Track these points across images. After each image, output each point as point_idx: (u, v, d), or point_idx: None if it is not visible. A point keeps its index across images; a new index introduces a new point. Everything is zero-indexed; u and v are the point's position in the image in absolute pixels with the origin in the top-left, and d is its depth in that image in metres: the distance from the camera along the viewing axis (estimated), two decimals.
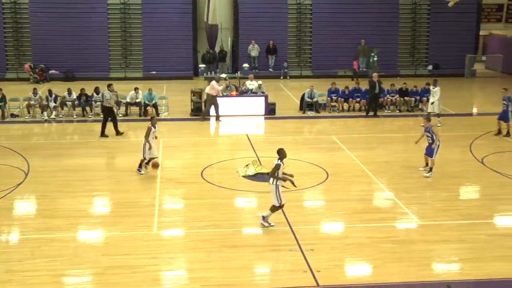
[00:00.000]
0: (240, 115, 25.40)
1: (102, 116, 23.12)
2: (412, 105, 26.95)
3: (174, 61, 34.45)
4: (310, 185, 17.20)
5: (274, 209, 14.10)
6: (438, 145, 17.95)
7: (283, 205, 14.04)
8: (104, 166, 19.17)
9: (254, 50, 34.71)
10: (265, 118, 25.54)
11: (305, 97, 26.51)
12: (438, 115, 23.85)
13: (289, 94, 30.36)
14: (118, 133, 22.43)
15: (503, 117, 22.16)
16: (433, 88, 23.94)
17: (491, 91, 32.24)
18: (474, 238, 13.70)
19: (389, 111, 26.56)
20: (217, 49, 35.01)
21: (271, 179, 13.88)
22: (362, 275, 12.27)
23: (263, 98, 25.98)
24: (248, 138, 22.35)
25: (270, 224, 14.17)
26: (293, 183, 14.24)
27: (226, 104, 25.30)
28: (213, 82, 24.64)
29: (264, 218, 14.18)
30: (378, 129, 24.17)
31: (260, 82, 27.05)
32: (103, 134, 22.28)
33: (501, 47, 38.76)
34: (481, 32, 38.21)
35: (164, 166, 18.88)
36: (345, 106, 26.87)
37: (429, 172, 17.95)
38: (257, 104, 25.79)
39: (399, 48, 35.92)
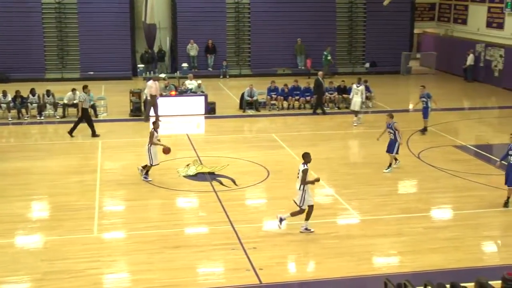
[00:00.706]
0: (180, 115, 25.27)
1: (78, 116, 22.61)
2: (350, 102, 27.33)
3: (112, 61, 33.97)
4: (252, 183, 17.28)
5: (295, 213, 13.90)
6: (400, 143, 18.27)
7: (303, 210, 13.84)
8: (41, 169, 18.76)
9: (193, 49, 34.58)
10: (205, 118, 25.51)
11: (245, 96, 26.59)
12: (356, 113, 24.25)
13: (229, 93, 30.40)
14: (94, 134, 22.16)
15: (424, 113, 22.64)
16: (357, 87, 24.23)
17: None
18: (411, 231, 14.05)
19: (328, 108, 26.89)
20: (155, 48, 34.71)
21: (299, 185, 13.72)
22: (304, 272, 12.43)
23: (202, 97, 25.93)
24: (189, 138, 22.28)
25: (310, 230, 13.92)
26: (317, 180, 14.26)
27: (165, 104, 25.13)
28: (149, 82, 24.45)
29: (281, 219, 13.90)
30: (318, 127, 24.45)
31: (199, 81, 26.98)
32: (94, 135, 22.19)
33: (434, 45, 39.79)
34: (415, 31, 39.13)
35: (104, 167, 18.65)
36: (285, 104, 27.07)
37: (388, 168, 18.29)
38: (197, 104, 25.73)
39: (336, 46, 36.38)
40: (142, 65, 33.98)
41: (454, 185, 17.33)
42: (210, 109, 25.87)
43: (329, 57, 34.54)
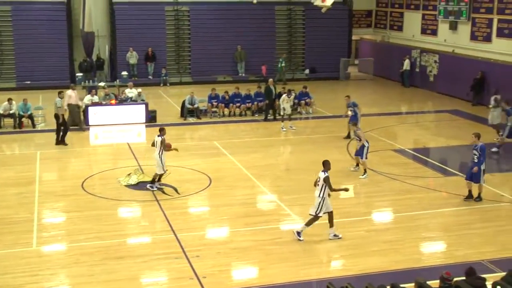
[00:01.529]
0: (120, 123, 24.98)
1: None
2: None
3: (49, 70, 33.29)
4: (194, 191, 17.21)
5: (310, 221, 13.86)
6: (368, 147, 18.56)
7: (319, 217, 13.82)
8: None
9: (132, 57, 34.26)
10: (146, 126, 25.28)
11: (186, 104, 26.49)
12: (290, 118, 24.56)
13: (170, 101, 30.23)
14: (63, 142, 21.97)
15: (353, 120, 22.94)
16: (288, 97, 24.54)
17: (364, 93, 33.64)
18: (353, 235, 14.24)
19: (270, 115, 27.02)
20: (94, 57, 34.23)
21: (319, 192, 13.73)
22: (248, 278, 12.45)
23: (143, 106, 25.70)
24: (129, 147, 22.04)
25: (338, 236, 13.97)
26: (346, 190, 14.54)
27: (105, 113, 24.80)
28: (68, 91, 23.91)
29: (299, 233, 13.87)
30: (259, 133, 24.57)
31: (139, 90, 26.74)
32: (60, 142, 21.98)
33: (371, 51, 40.56)
34: (353, 37, 39.81)
35: (43, 179, 18.25)
36: (226, 111, 27.09)
37: (364, 174, 18.55)
38: (137, 112, 25.49)
39: (276, 53, 36.64)
40: (81, 74, 33.38)
41: (393, 188, 17.68)
42: (151, 118, 25.66)
43: (283, 64, 35.03)
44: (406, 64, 34.96)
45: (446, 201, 16.52)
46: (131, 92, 26.48)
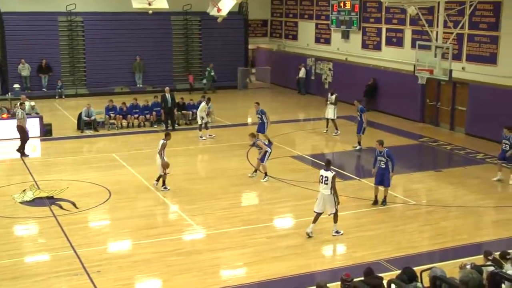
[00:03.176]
0: (14, 138, 24.01)
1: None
2: (190, 118, 27.57)
3: None
4: (93, 205, 16.84)
5: (336, 217, 14.65)
6: (270, 152, 19.10)
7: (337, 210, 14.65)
8: None
9: (24, 69, 33.08)
10: (41, 140, 24.49)
11: (82, 116, 25.89)
12: (206, 127, 24.68)
13: (66, 114, 29.41)
14: (23, 153, 22.03)
15: (260, 129, 23.26)
16: (207, 104, 24.83)
17: (262, 101, 33.89)
18: (255, 242, 14.39)
19: (169, 125, 26.87)
20: None
21: (329, 190, 14.36)
22: None
23: (37, 119, 24.88)
24: (24, 162, 21.27)
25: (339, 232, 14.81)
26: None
27: None
28: None
29: (338, 232, 14.73)
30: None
31: (33, 103, 25.89)
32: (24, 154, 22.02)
33: (268, 60, 41.17)
34: (250, 46, 40.27)
35: None
36: (124, 122, 26.69)
37: (264, 178, 19.04)
38: (31, 126, 24.61)
39: (173, 63, 36.53)
40: None
41: (293, 194, 18.00)
42: (46, 131, 24.89)
43: (212, 73, 35.37)
44: (302, 72, 35.76)
45: (344, 204, 16.92)
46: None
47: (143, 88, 34.71)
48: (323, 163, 15.16)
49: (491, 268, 9.39)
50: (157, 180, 18.18)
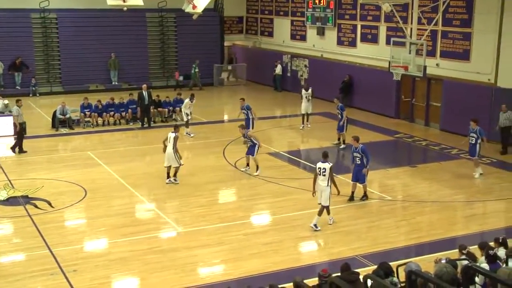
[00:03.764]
0: None
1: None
2: (166, 116, 27.48)
3: None
4: (69, 204, 16.71)
5: (322, 210, 14.92)
6: (259, 145, 19.35)
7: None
8: None
9: None
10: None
11: (57, 114, 25.65)
12: (187, 125, 24.66)
13: (40, 112, 29.09)
14: (20, 150, 22.05)
15: (246, 125, 23.37)
16: (191, 101, 24.87)
17: (238, 99, 34.03)
18: (232, 239, 14.40)
19: (145, 122, 26.74)
20: None
21: (327, 182, 14.71)
22: None
23: (10, 117, 24.57)
24: None
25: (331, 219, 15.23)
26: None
27: None
28: None
29: (316, 226, 14.88)
30: (134, 142, 24.28)
31: (6, 101, 25.58)
32: (21, 151, 21.99)
33: (244, 56, 41.14)
34: (226, 43, 40.21)
35: None
36: (100, 120, 26.51)
37: (257, 171, 19.30)
38: (5, 124, 24.33)
39: (149, 60, 36.33)
40: None
41: (270, 190, 18.03)
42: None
43: (197, 69, 35.54)
44: (278, 69, 35.79)
45: None
46: None
47: (119, 86, 34.48)
48: (299, 160, 15.21)
49: (466, 262, 9.51)
50: (174, 174, 18.50)
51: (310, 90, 25.99)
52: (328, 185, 14.79)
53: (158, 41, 36.66)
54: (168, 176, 18.45)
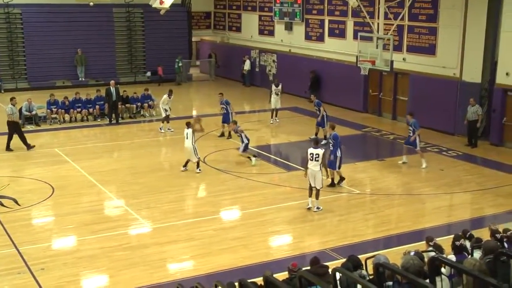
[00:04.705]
0: None
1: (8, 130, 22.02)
2: (134, 112, 27.30)
3: None
4: (36, 201, 16.50)
5: (319, 193, 15.77)
6: (247, 144, 19.86)
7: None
8: None
9: None
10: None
11: (23, 111, 25.29)
12: (167, 120, 24.59)
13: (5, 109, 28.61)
14: (28, 146, 21.80)
15: (225, 119, 23.37)
16: (169, 97, 24.89)
17: (207, 94, 34.05)
18: (202, 235, 14.38)
19: (113, 118, 26.52)
20: None
21: (319, 166, 15.48)
22: (97, 287, 12.17)
23: None
24: None
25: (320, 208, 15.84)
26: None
27: None
28: None
29: (318, 208, 15.74)
30: (102, 138, 24.07)
31: None
32: (8, 148, 21.70)
33: (212, 52, 40.99)
34: (194, 39, 40.06)
35: None
36: (67, 117, 26.22)
37: (253, 158, 19.91)
38: None
39: (116, 56, 36.03)
40: None
41: (239, 186, 18.04)
42: None
43: (180, 64, 35.92)
44: (247, 64, 35.79)
45: (290, 195, 17.13)
46: None
47: (86, 82, 34.16)
48: (268, 154, 15.24)
49: (433, 254, 9.63)
50: (185, 165, 19.11)
51: (280, 86, 26.14)
52: (320, 169, 15.54)
53: (126, 37, 36.36)
54: (185, 165, 19.17)
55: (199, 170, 18.99)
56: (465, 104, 22.49)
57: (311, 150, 15.63)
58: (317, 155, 15.48)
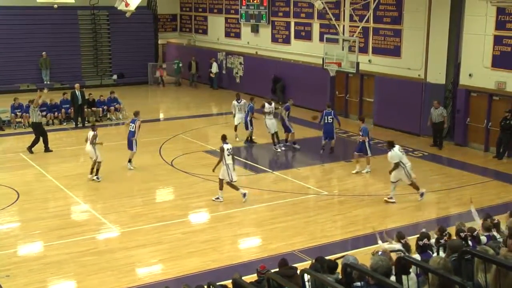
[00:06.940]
0: None
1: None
2: (101, 115, 27.07)
3: None
4: (0, 207, 16.25)
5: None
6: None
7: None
8: None
9: None
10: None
11: None
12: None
13: None
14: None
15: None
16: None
17: (174, 96, 33.95)
18: (170, 238, 14.34)
19: (79, 122, 26.26)
20: None
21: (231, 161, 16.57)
22: None
23: None
24: None
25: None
26: None
27: None
28: None
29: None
30: (69, 142, 23.82)
31: None
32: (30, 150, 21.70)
33: (179, 54, 40.85)
34: (160, 41, 39.87)
35: None
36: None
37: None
38: None
39: (82, 59, 35.67)
40: None
41: (207, 189, 17.98)
42: None
43: (180, 64, 36.79)
44: (215, 67, 35.75)
45: (258, 197, 17.17)
46: None
47: (51, 85, 33.69)
48: (237, 158, 15.22)
49: (398, 251, 9.78)
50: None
51: (273, 104, 23.72)
52: (232, 162, 16.77)
53: (91, 39, 36.06)
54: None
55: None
56: (430, 105, 22.80)
57: (225, 146, 16.61)
58: (230, 150, 16.54)
